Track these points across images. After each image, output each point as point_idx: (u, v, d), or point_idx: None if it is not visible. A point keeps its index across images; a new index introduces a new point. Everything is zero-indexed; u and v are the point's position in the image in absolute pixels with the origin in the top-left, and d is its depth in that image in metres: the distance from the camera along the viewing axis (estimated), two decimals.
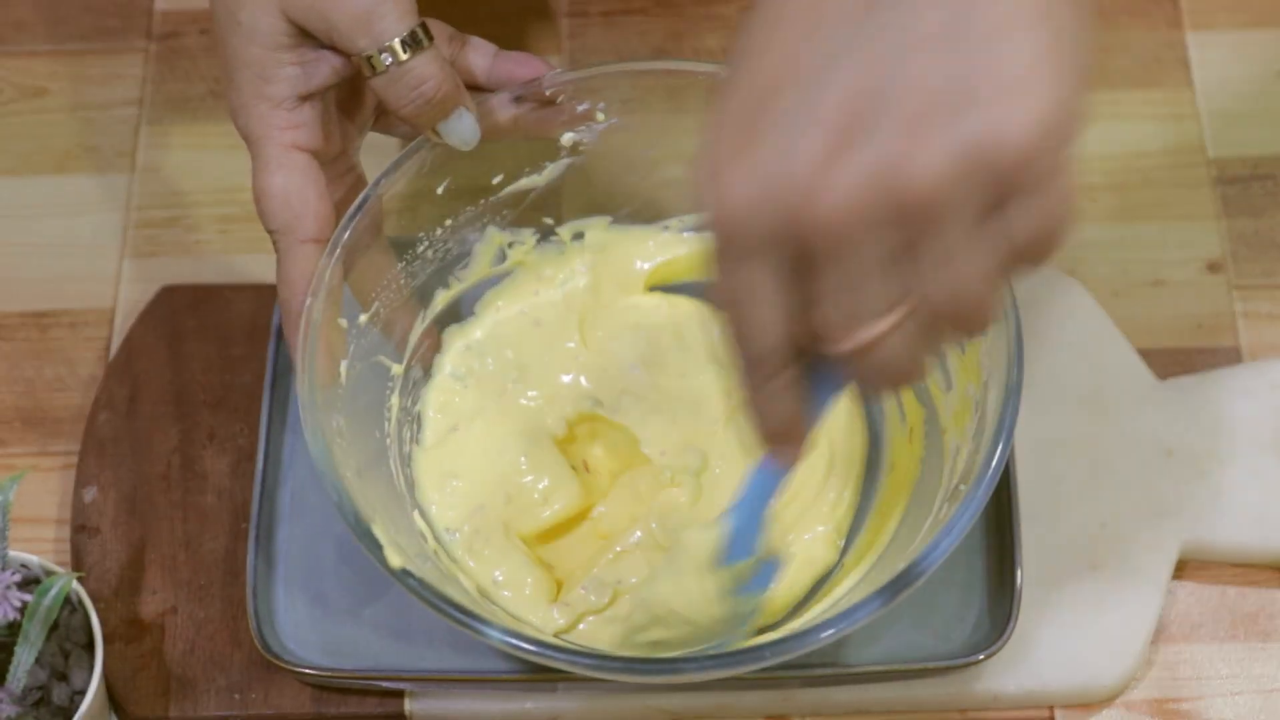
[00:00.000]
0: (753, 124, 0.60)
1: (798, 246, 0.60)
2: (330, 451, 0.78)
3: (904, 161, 0.58)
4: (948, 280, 0.60)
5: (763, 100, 0.60)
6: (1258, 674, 0.86)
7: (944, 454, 0.82)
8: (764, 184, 0.59)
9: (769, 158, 0.59)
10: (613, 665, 0.77)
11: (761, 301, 0.62)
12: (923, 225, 0.59)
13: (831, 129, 0.58)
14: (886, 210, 0.58)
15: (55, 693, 0.81)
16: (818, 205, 0.58)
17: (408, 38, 0.77)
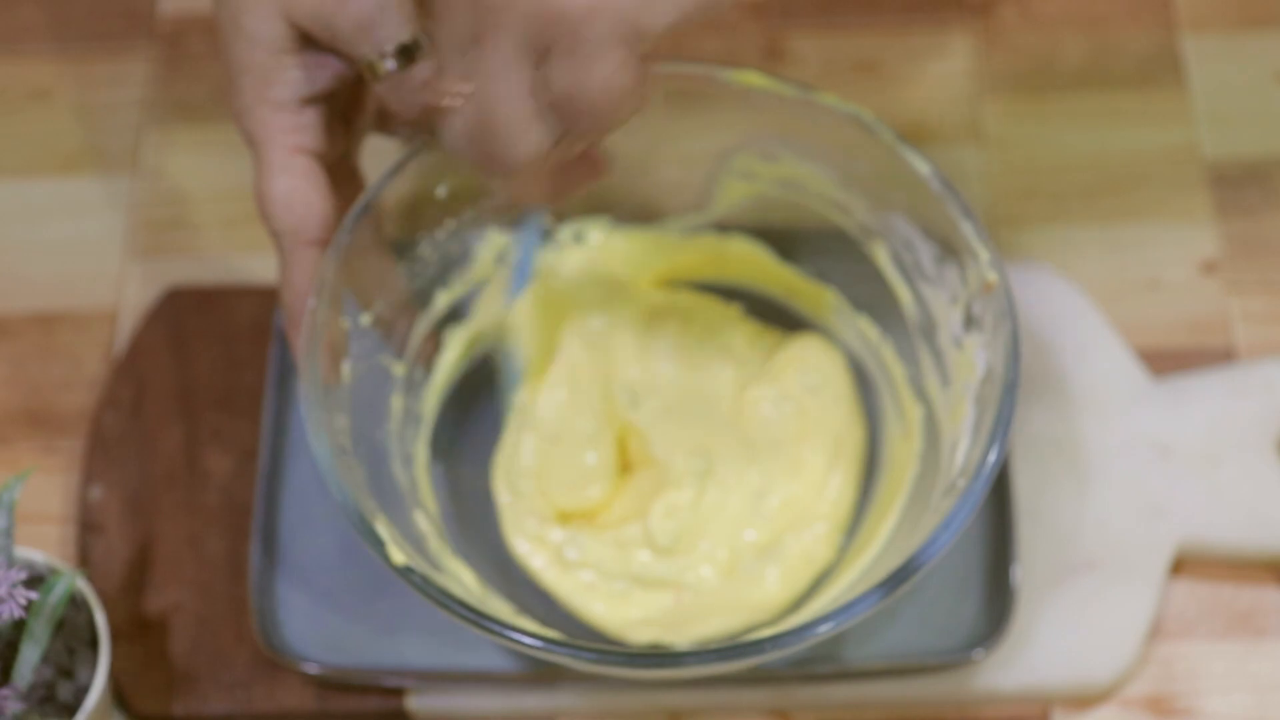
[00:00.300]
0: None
1: None
2: (333, 452, 0.78)
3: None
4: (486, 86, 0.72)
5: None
6: (1253, 671, 0.87)
7: (941, 450, 0.83)
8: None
9: None
10: (613, 659, 0.77)
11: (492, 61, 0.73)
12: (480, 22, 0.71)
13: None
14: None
15: (61, 690, 0.81)
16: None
17: (409, 43, 0.77)
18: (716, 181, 0.89)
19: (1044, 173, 0.99)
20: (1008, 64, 1.03)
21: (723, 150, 0.88)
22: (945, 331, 0.84)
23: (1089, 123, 1.01)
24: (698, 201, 0.90)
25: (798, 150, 0.86)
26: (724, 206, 0.90)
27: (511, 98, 0.72)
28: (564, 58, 0.70)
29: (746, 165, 0.88)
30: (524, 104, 0.72)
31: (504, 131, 0.72)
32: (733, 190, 0.89)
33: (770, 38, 1.04)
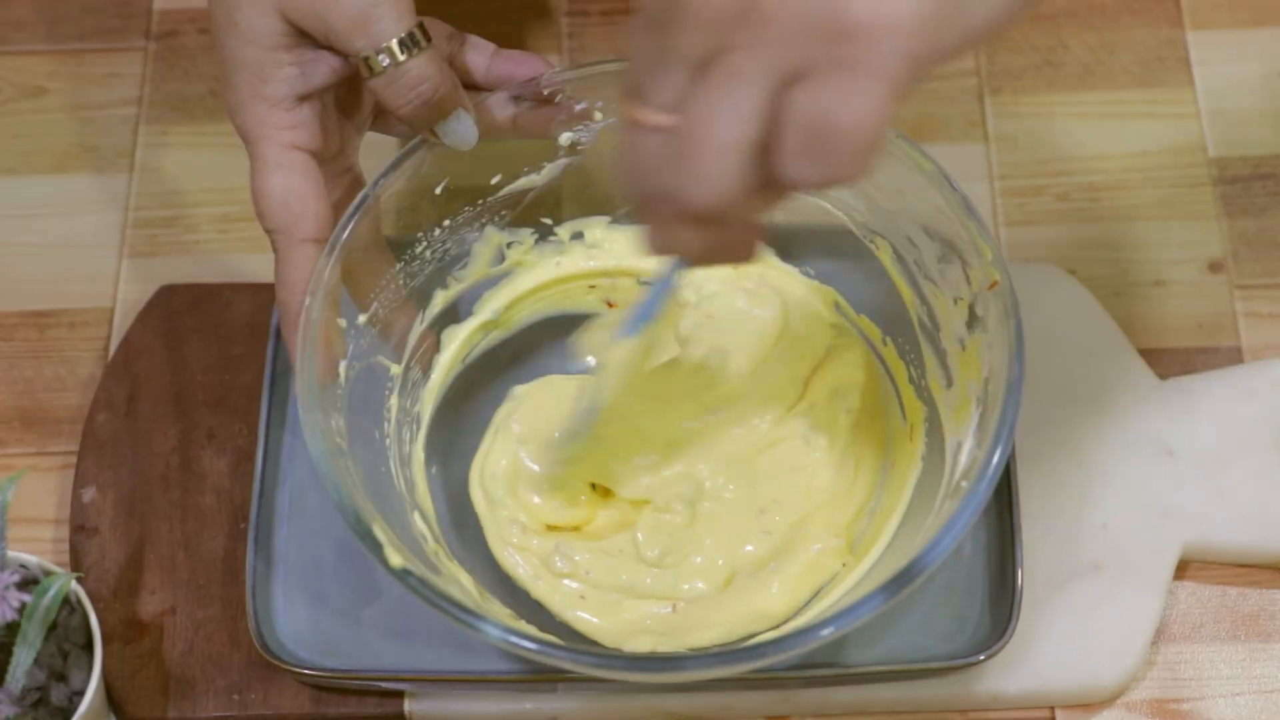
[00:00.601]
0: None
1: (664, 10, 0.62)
2: (330, 452, 0.78)
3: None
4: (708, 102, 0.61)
5: None
6: (1258, 674, 0.86)
7: (945, 451, 0.82)
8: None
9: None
10: (614, 663, 0.77)
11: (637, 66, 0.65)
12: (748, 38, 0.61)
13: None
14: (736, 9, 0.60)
15: (54, 693, 0.81)
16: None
17: (405, 39, 0.77)
18: None
19: (1048, 171, 0.99)
20: (1012, 62, 1.03)
21: None
22: (949, 331, 0.83)
23: (1093, 121, 1.01)
24: None
25: None
26: None
27: (738, 119, 0.61)
28: (828, 78, 0.60)
29: None
30: (750, 129, 0.61)
31: (710, 160, 0.62)
32: None
33: None
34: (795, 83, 0.60)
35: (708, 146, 0.62)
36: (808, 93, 0.60)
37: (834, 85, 0.60)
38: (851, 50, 0.59)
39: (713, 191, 0.62)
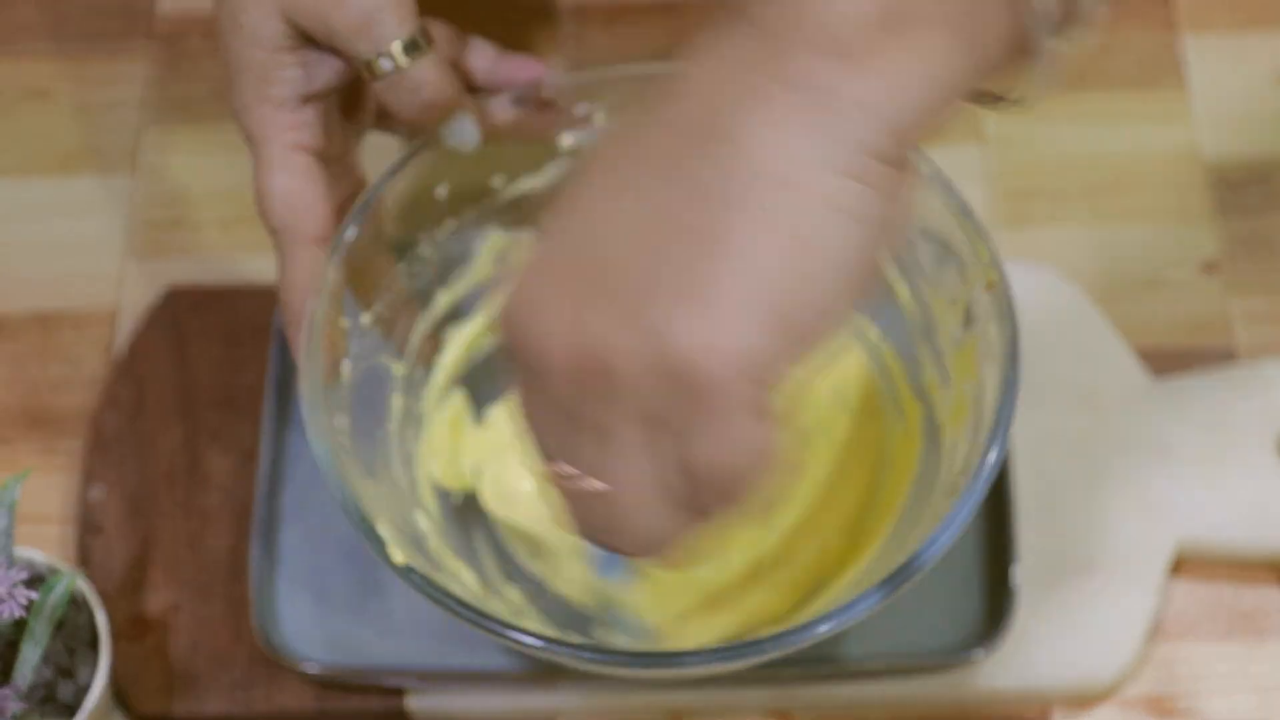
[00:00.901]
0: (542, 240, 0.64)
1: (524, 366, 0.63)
2: (333, 452, 0.78)
3: (605, 330, 0.60)
4: (613, 469, 0.63)
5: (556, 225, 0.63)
6: (1254, 672, 0.87)
7: (942, 449, 0.83)
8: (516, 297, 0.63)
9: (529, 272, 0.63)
10: (615, 659, 0.77)
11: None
12: (604, 399, 0.61)
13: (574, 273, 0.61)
14: (577, 366, 0.61)
15: (61, 690, 0.81)
16: (534, 331, 0.62)
17: (407, 42, 0.77)
18: None
19: (1044, 173, 0.99)
20: None
21: None
22: (945, 331, 0.84)
23: (1089, 122, 1.01)
24: None
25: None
26: None
27: (640, 483, 0.63)
28: (688, 431, 0.61)
29: None
30: (653, 491, 0.63)
31: (634, 522, 0.64)
32: None
33: None
34: (664, 432, 0.61)
35: (627, 511, 0.63)
36: (678, 446, 0.61)
37: (696, 435, 0.61)
38: (694, 399, 0.60)
39: (655, 540, 0.64)
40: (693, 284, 0.60)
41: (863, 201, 0.61)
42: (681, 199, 0.60)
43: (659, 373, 0.60)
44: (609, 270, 0.61)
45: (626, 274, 0.60)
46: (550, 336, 0.61)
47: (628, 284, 0.60)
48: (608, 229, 0.61)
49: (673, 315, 0.60)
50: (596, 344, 0.61)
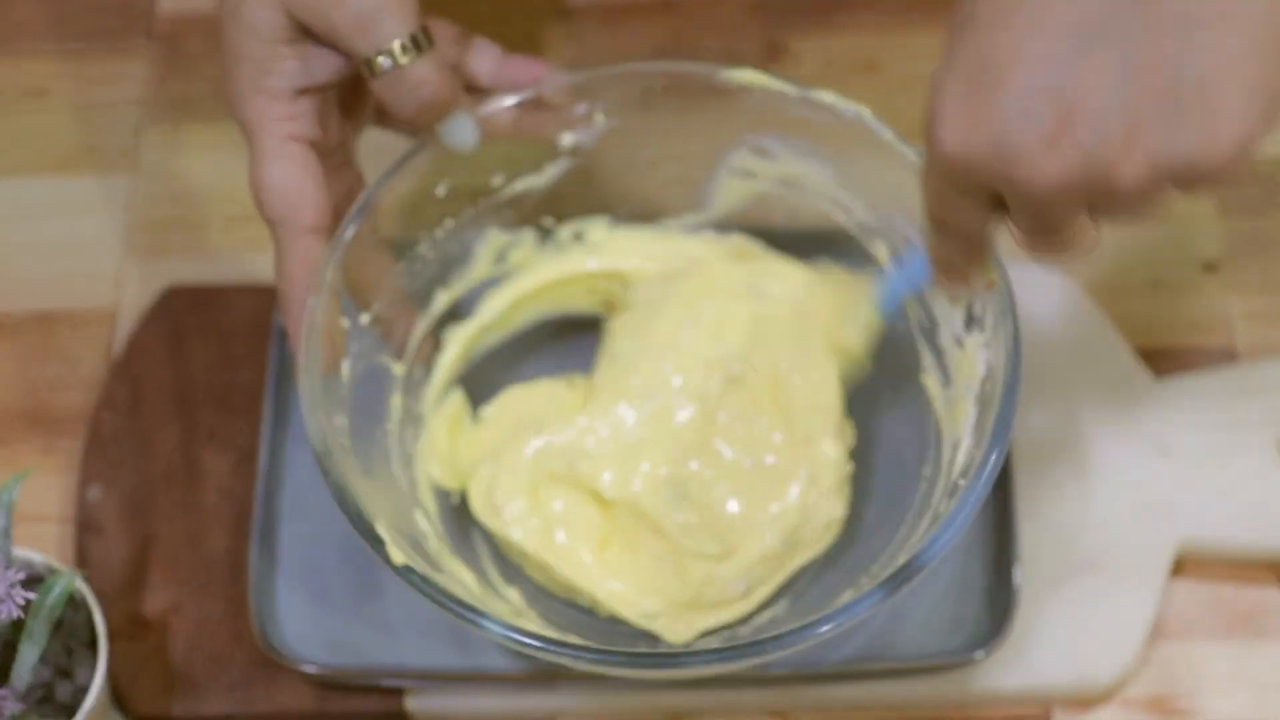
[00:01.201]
0: (985, 89, 0.67)
1: (1005, 194, 0.69)
2: (333, 452, 0.78)
3: (1112, 166, 0.66)
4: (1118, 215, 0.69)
5: (1001, 66, 0.67)
6: (1254, 672, 0.87)
7: (942, 450, 0.83)
8: (987, 148, 0.67)
9: (996, 126, 0.67)
10: (615, 659, 0.77)
11: (963, 209, 0.72)
12: (1109, 204, 0.68)
13: (1055, 118, 0.66)
14: (1084, 193, 0.67)
15: (59, 690, 0.81)
16: (1030, 179, 0.67)
17: (407, 41, 0.77)
18: (716, 181, 0.89)
19: None
20: None
21: (722, 149, 0.87)
22: (946, 330, 0.84)
23: None
24: (697, 201, 0.90)
25: (797, 149, 0.86)
26: (723, 206, 0.90)
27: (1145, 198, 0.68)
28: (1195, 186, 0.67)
29: (746, 164, 0.87)
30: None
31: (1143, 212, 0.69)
32: (732, 189, 0.89)
33: (770, 37, 1.04)
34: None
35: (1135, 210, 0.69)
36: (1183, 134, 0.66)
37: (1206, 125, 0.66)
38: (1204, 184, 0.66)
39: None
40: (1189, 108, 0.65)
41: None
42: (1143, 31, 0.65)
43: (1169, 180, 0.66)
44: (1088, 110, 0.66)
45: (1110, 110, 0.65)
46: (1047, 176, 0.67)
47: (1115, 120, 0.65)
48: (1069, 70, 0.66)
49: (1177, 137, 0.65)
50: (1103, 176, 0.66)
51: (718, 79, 0.84)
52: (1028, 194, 0.68)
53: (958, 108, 0.68)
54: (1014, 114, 0.66)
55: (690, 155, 0.88)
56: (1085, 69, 0.66)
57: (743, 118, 0.85)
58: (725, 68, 0.84)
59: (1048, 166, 0.66)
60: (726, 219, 0.90)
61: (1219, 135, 0.65)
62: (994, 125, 0.67)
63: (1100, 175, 0.66)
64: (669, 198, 0.90)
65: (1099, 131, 0.66)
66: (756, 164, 0.87)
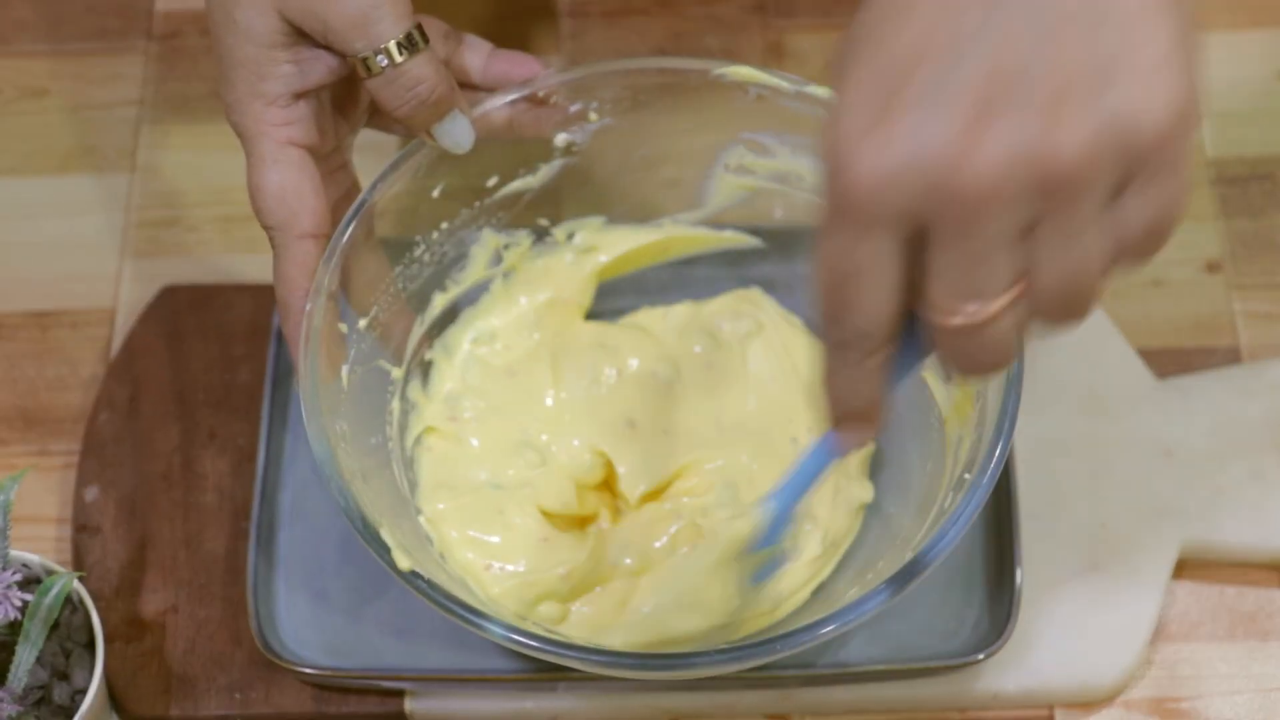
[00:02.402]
0: (889, 97, 0.60)
1: (930, 219, 0.60)
2: (335, 456, 0.78)
3: (1046, 137, 0.59)
4: (1065, 262, 0.61)
5: (900, 73, 0.60)
6: (1257, 673, 0.87)
7: (946, 445, 0.82)
8: (903, 156, 0.59)
9: (909, 131, 0.59)
10: (618, 660, 0.76)
11: (878, 273, 0.62)
12: (1058, 201, 0.60)
13: (974, 104, 0.59)
14: (1027, 185, 0.59)
15: (56, 692, 0.81)
16: (960, 177, 0.59)
17: (403, 40, 0.77)
18: (711, 178, 0.89)
19: None
20: None
21: (717, 146, 0.87)
22: None
23: None
24: (693, 199, 0.90)
25: (792, 145, 0.86)
26: (719, 203, 0.90)
27: (1094, 258, 0.61)
28: (1147, 186, 0.61)
29: (741, 160, 0.87)
30: (1102, 261, 0.62)
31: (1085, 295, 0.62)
32: (728, 186, 0.89)
33: (771, 37, 1.04)
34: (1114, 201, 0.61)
35: (1080, 290, 0.62)
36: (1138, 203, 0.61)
37: (1159, 186, 0.61)
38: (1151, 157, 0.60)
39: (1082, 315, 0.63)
40: (1115, 59, 0.59)
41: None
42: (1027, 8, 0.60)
43: (1114, 148, 0.59)
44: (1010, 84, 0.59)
45: (1033, 78, 0.59)
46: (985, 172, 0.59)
47: (1040, 87, 0.59)
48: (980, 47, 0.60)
49: (1110, 91, 0.59)
50: (1044, 151, 0.59)
51: (712, 76, 0.84)
52: (960, 206, 0.59)
53: (861, 127, 0.60)
54: (928, 110, 0.59)
55: (686, 153, 0.88)
56: (994, 43, 0.59)
57: (738, 114, 0.85)
58: (719, 64, 0.84)
59: (978, 159, 0.59)
60: (722, 216, 0.90)
61: (1156, 88, 0.59)
62: (907, 131, 0.59)
63: (1036, 154, 0.59)
64: (665, 195, 0.90)
65: (1024, 103, 0.59)
66: (752, 160, 0.87)
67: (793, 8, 1.05)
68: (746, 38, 1.04)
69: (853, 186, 0.60)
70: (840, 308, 0.63)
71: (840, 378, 0.66)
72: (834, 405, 0.67)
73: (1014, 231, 0.60)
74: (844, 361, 0.65)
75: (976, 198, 0.59)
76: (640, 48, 1.04)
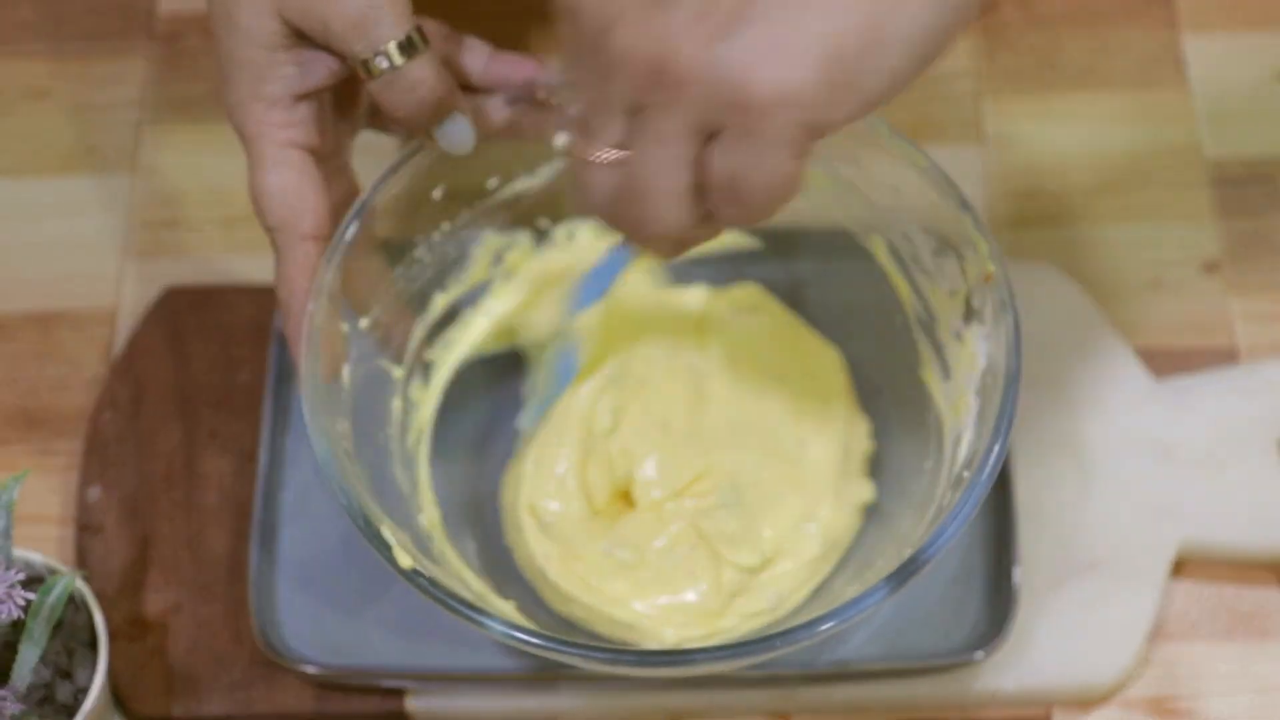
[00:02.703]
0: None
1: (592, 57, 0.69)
2: (336, 456, 0.78)
3: (680, 47, 0.67)
4: (651, 157, 0.69)
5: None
6: (1255, 673, 0.87)
7: (944, 443, 0.83)
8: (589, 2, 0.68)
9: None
10: (621, 658, 0.77)
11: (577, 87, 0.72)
12: (657, 100, 0.68)
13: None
14: (647, 71, 0.68)
15: (59, 691, 0.81)
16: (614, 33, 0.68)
17: (403, 42, 0.77)
18: None
19: (1045, 173, 0.99)
20: (1009, 63, 1.03)
21: None
22: (945, 324, 0.84)
23: (1090, 122, 1.01)
24: None
25: None
26: None
27: (670, 171, 0.69)
28: (736, 143, 0.68)
29: None
30: (681, 179, 0.70)
31: (654, 203, 0.70)
32: None
33: None
34: (713, 138, 0.68)
35: (650, 193, 0.70)
36: (722, 153, 0.68)
37: (742, 149, 0.68)
38: (753, 120, 0.67)
39: (661, 226, 0.71)
40: (768, 17, 0.66)
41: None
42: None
43: (720, 90, 0.67)
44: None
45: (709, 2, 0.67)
46: (627, 42, 0.68)
47: (709, 11, 0.67)
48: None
49: (743, 41, 0.66)
50: (669, 52, 0.67)
51: None
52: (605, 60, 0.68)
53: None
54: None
55: None
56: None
57: None
58: None
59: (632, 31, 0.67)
60: None
61: (775, 68, 0.66)
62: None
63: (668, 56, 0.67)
64: None
65: (691, 13, 0.66)
66: None
67: None
68: None
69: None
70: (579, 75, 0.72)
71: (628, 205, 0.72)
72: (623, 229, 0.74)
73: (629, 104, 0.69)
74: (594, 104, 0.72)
75: (611, 55, 0.68)
76: None
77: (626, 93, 0.69)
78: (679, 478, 0.86)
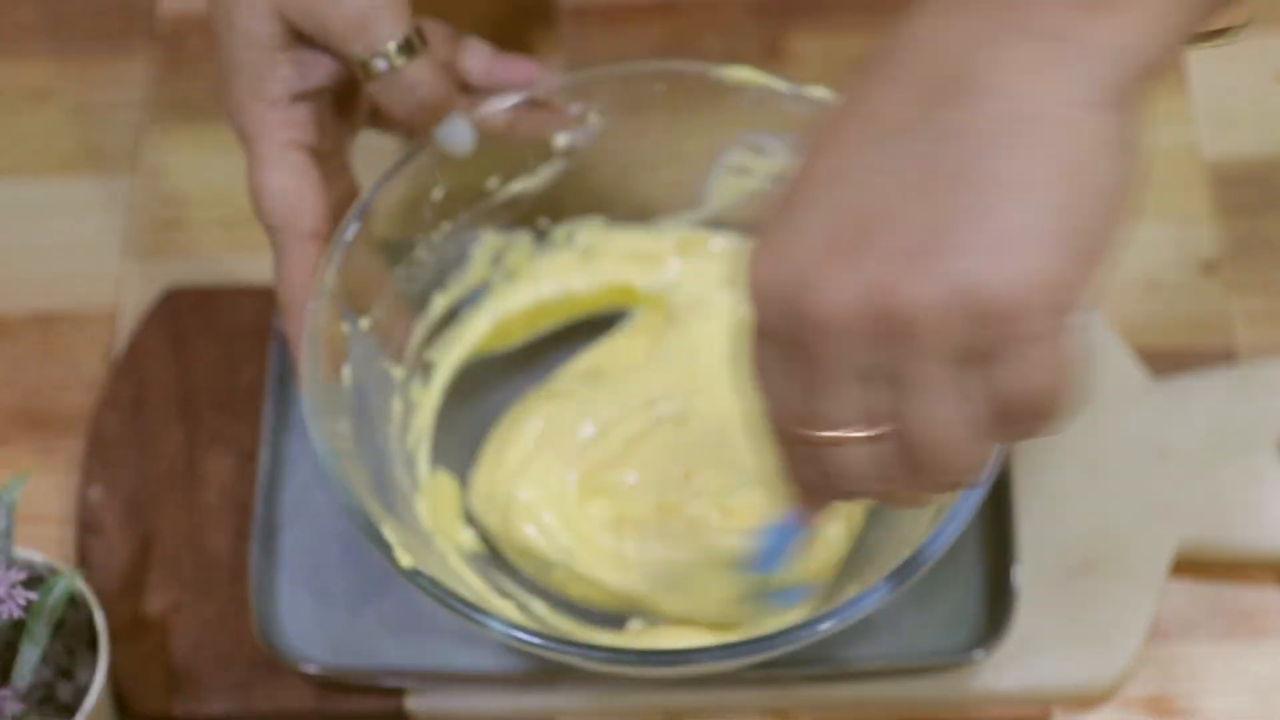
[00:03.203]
0: (790, 210, 0.63)
1: (795, 333, 0.63)
2: (337, 456, 0.78)
3: (895, 284, 0.60)
4: (923, 417, 0.62)
5: (803, 188, 0.63)
6: (1253, 672, 0.87)
7: None
8: (788, 270, 0.62)
9: (797, 244, 0.62)
10: (621, 657, 0.77)
11: (772, 377, 0.65)
12: (904, 352, 0.61)
13: (851, 229, 0.61)
14: (872, 323, 0.61)
15: (60, 690, 0.81)
16: (818, 302, 0.61)
17: (403, 43, 0.77)
18: (711, 179, 0.89)
19: None
20: None
21: (717, 147, 0.88)
22: None
23: None
24: (692, 199, 0.90)
25: (792, 145, 0.86)
26: (719, 203, 0.90)
27: (952, 421, 0.62)
28: (998, 360, 0.61)
29: (741, 161, 0.88)
30: (967, 413, 0.62)
31: (948, 457, 0.63)
32: (727, 187, 0.89)
33: (770, 38, 1.04)
34: (974, 365, 0.61)
35: (942, 445, 0.63)
36: (988, 377, 0.61)
37: (1006, 365, 0.61)
38: (1005, 329, 0.60)
39: (968, 472, 0.64)
40: (978, 222, 0.60)
41: (1121, 131, 0.61)
42: (939, 145, 0.61)
43: (963, 313, 0.60)
44: (878, 225, 0.61)
45: (900, 225, 0.60)
46: (833, 301, 0.61)
47: (905, 235, 0.60)
48: (863, 186, 0.61)
49: (966, 254, 0.60)
50: (890, 299, 0.60)
51: (711, 77, 0.84)
52: (812, 327, 0.62)
53: (766, 239, 0.63)
54: (810, 231, 0.61)
55: (685, 154, 0.88)
56: (881, 183, 0.61)
57: (737, 116, 0.85)
58: (718, 66, 0.84)
59: (832, 287, 0.61)
60: (720, 217, 0.90)
61: (1014, 259, 0.59)
62: (792, 248, 0.62)
63: (881, 300, 0.60)
64: (664, 197, 0.90)
65: (888, 245, 0.60)
66: (752, 161, 0.87)
67: (792, 9, 1.05)
68: (746, 39, 1.04)
69: (750, 290, 0.63)
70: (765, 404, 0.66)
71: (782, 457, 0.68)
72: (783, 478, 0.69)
73: (867, 367, 0.62)
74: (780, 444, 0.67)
75: (825, 321, 0.61)
76: (640, 50, 1.04)
77: (851, 358, 0.62)
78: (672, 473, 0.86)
